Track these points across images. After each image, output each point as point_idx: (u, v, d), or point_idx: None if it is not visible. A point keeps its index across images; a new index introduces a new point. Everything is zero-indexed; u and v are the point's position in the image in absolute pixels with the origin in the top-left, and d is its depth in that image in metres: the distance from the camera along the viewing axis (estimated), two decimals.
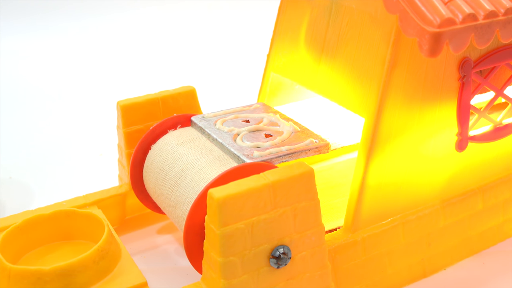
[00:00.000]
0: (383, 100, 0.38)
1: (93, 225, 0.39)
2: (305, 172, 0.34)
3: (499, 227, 0.48)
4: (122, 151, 0.49)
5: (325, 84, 0.43)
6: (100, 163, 0.65)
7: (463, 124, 0.42)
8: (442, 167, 0.43)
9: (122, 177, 0.51)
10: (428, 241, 0.44)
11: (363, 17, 0.40)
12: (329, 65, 0.43)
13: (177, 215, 0.40)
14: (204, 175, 0.38)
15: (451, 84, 0.40)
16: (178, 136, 0.44)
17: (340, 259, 0.39)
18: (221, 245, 0.32)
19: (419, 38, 0.34)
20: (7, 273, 0.34)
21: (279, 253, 0.34)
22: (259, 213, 0.33)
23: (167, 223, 0.51)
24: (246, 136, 0.42)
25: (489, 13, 0.35)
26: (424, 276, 0.44)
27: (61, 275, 0.34)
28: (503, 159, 0.47)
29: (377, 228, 0.41)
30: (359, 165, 0.39)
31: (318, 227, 0.36)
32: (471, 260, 0.47)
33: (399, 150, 0.40)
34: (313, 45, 0.45)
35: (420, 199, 0.43)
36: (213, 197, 0.32)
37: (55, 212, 0.40)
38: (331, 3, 0.43)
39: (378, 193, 0.40)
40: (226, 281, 0.33)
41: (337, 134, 0.44)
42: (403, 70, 0.38)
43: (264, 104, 0.49)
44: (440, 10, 0.34)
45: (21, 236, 0.39)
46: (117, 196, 0.48)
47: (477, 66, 0.41)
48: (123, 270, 0.37)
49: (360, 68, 0.40)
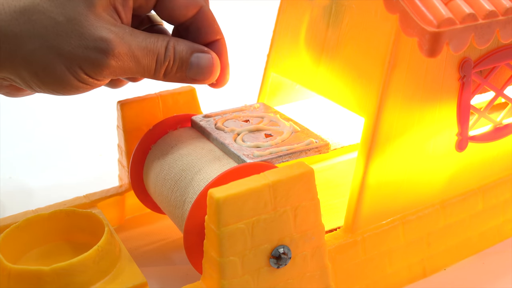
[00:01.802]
0: (383, 100, 0.38)
1: (93, 225, 0.39)
2: (305, 172, 0.34)
3: (499, 227, 0.48)
4: (122, 151, 0.49)
5: (325, 84, 0.43)
6: (100, 163, 0.65)
7: (463, 124, 0.42)
8: (442, 167, 0.43)
9: (122, 177, 0.51)
10: (428, 241, 0.44)
11: (363, 17, 0.40)
12: (329, 65, 0.43)
13: (177, 215, 0.40)
14: (204, 175, 0.38)
15: (451, 84, 0.40)
16: (178, 136, 0.44)
17: (340, 259, 0.39)
18: (221, 245, 0.32)
19: (419, 38, 0.34)
20: (7, 273, 0.34)
21: (279, 253, 0.34)
22: (259, 213, 0.33)
23: (167, 223, 0.51)
24: (246, 136, 0.42)
25: (489, 13, 0.35)
26: (424, 276, 0.44)
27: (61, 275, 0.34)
28: (503, 159, 0.47)
29: (377, 228, 0.41)
30: (359, 165, 0.39)
31: (318, 227, 0.36)
32: (471, 260, 0.47)
33: (399, 150, 0.40)
34: (313, 45, 0.45)
35: (420, 199, 0.43)
36: (213, 197, 0.32)
37: (55, 212, 0.40)
38: (331, 3, 0.43)
39: (378, 193, 0.40)
40: (226, 281, 0.33)
41: (337, 134, 0.44)
42: (403, 70, 0.38)
43: (264, 104, 0.49)
44: (440, 10, 0.34)
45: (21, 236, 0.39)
46: (117, 196, 0.48)
47: (477, 66, 0.41)
48: (123, 270, 0.37)
49: (360, 68, 0.40)
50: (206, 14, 0.40)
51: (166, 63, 0.38)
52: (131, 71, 0.37)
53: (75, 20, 0.35)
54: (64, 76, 0.35)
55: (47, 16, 0.34)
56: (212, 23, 0.41)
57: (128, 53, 0.36)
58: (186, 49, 0.39)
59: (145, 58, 0.37)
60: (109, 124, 0.64)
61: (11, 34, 0.34)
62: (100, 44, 0.35)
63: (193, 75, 0.39)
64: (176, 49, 0.38)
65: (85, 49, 0.35)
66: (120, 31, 0.36)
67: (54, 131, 0.74)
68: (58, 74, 0.35)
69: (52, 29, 0.35)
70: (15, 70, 0.36)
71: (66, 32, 0.35)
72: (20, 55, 0.35)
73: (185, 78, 0.40)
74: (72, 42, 0.35)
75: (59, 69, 0.35)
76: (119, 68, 0.36)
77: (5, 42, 0.34)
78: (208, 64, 0.39)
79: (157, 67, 0.38)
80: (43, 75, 0.35)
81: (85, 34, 0.35)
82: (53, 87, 0.36)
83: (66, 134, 0.73)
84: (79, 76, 0.36)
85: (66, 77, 0.36)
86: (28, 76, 0.36)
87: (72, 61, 0.35)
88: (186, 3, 0.39)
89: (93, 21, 0.35)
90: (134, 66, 0.37)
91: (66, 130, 0.74)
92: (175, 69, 0.39)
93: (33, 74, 0.35)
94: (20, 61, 0.35)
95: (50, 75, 0.35)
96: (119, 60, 0.36)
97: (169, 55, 0.38)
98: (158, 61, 0.38)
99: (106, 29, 0.35)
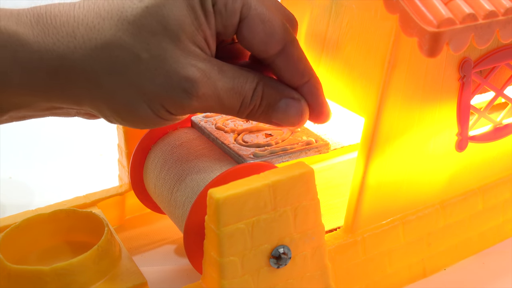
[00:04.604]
0: (383, 100, 0.38)
1: (93, 225, 0.39)
2: (305, 172, 0.34)
3: (499, 227, 0.48)
4: (122, 151, 0.49)
5: (325, 84, 0.43)
6: (100, 163, 0.65)
7: (463, 124, 0.42)
8: (442, 167, 0.43)
9: (122, 177, 0.51)
10: (428, 241, 0.44)
11: (363, 17, 0.40)
12: (329, 65, 0.43)
13: (177, 215, 0.40)
14: (204, 175, 0.38)
15: (451, 84, 0.40)
16: (178, 136, 0.44)
17: (340, 259, 0.39)
18: (221, 245, 0.32)
19: (419, 38, 0.34)
20: (7, 273, 0.34)
21: (279, 253, 0.34)
22: (259, 213, 0.33)
23: (167, 223, 0.51)
24: (246, 136, 0.42)
25: (489, 13, 0.35)
26: (424, 276, 0.44)
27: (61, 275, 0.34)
28: (503, 159, 0.47)
29: (377, 228, 0.41)
30: (359, 165, 0.39)
31: (318, 227, 0.36)
32: (471, 260, 0.47)
33: (399, 150, 0.40)
34: (313, 45, 0.45)
35: (420, 199, 0.43)
36: (213, 197, 0.32)
37: (55, 212, 0.40)
38: (331, 3, 0.43)
39: (378, 193, 0.40)
40: (226, 281, 0.33)
41: (337, 134, 0.44)
42: (403, 70, 0.38)
43: None
44: (440, 10, 0.34)
45: (21, 236, 0.39)
46: (117, 196, 0.48)
47: (477, 66, 0.41)
48: (123, 270, 0.37)
49: (360, 68, 0.40)
50: (289, 54, 0.36)
51: (251, 106, 0.36)
52: (213, 110, 0.35)
53: (159, 57, 0.32)
54: (145, 114, 0.34)
55: (129, 51, 0.32)
56: (297, 64, 0.36)
57: (213, 95, 0.34)
58: (275, 93, 0.36)
59: (230, 100, 0.35)
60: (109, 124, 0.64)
61: (91, 71, 0.32)
62: (185, 85, 0.32)
63: (278, 119, 0.37)
64: (265, 92, 0.36)
65: (169, 88, 0.32)
66: (207, 68, 0.33)
67: (54, 131, 0.74)
68: (139, 112, 0.33)
69: (135, 67, 0.32)
70: (95, 105, 0.34)
71: (149, 70, 0.32)
72: (101, 93, 0.33)
73: (269, 121, 0.37)
74: (156, 80, 0.32)
75: (141, 108, 0.33)
76: (201, 108, 0.34)
77: (84, 80, 0.32)
78: (297, 112, 0.37)
79: (241, 109, 0.35)
80: (124, 112, 0.34)
81: (170, 72, 0.32)
82: (133, 123, 0.35)
83: (66, 134, 0.73)
84: (160, 113, 0.34)
85: (147, 115, 0.34)
86: (108, 112, 0.34)
87: (155, 100, 0.33)
88: (265, 39, 0.35)
89: (179, 57, 0.32)
90: (217, 106, 0.35)
91: (66, 130, 0.74)
92: (260, 112, 0.36)
93: (114, 111, 0.34)
94: (100, 98, 0.33)
95: (131, 113, 0.34)
96: (202, 101, 0.34)
97: (256, 98, 0.35)
98: (244, 103, 0.35)
99: (193, 66, 0.33)
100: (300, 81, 0.37)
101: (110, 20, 0.32)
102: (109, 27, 0.32)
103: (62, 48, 0.32)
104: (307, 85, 0.37)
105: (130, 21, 0.32)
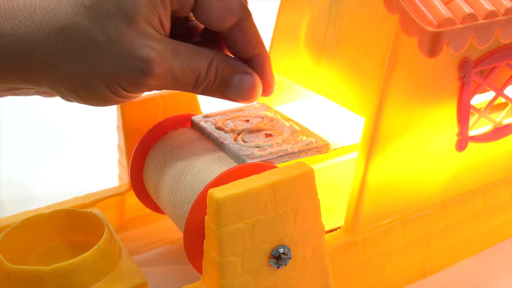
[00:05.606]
0: (383, 100, 0.38)
1: (93, 225, 0.39)
2: (305, 172, 0.34)
3: (499, 227, 0.48)
4: (122, 151, 0.49)
5: (325, 84, 0.43)
6: (100, 163, 0.65)
7: (463, 124, 0.42)
8: (442, 167, 0.43)
9: (122, 177, 0.51)
10: (428, 241, 0.44)
11: (363, 17, 0.40)
12: (329, 65, 0.43)
13: (177, 215, 0.40)
14: (204, 175, 0.38)
15: (451, 84, 0.40)
16: (178, 136, 0.44)
17: (340, 259, 0.39)
18: (221, 245, 0.32)
19: (419, 38, 0.34)
20: (7, 273, 0.34)
21: (279, 253, 0.34)
22: (259, 213, 0.33)
23: (167, 223, 0.51)
24: (246, 136, 0.42)
25: (489, 13, 0.35)
26: (424, 276, 0.44)
27: (61, 275, 0.34)
28: (503, 159, 0.47)
29: (377, 228, 0.41)
30: (359, 165, 0.39)
31: (318, 227, 0.36)
32: (471, 260, 0.47)
33: (399, 150, 0.40)
34: (313, 45, 0.45)
35: (420, 199, 0.43)
36: (213, 197, 0.32)
37: (55, 212, 0.40)
38: (331, 3, 0.43)
39: (378, 193, 0.40)
40: (226, 281, 0.33)
41: (337, 134, 0.44)
42: (403, 70, 0.38)
43: (264, 104, 0.49)
44: (440, 10, 0.34)
45: (21, 236, 0.39)
46: (117, 196, 0.48)
47: (477, 66, 0.41)
48: (123, 270, 0.37)
49: (360, 68, 0.40)
50: (244, 28, 0.38)
51: (206, 82, 0.37)
52: (168, 87, 0.37)
53: (115, 40, 0.34)
54: (103, 92, 0.35)
55: (86, 35, 0.33)
56: (250, 37, 0.38)
57: (168, 73, 0.35)
58: (228, 69, 0.38)
59: (185, 77, 0.36)
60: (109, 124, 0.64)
61: (49, 53, 0.33)
62: (140, 65, 0.34)
63: (233, 95, 0.38)
64: (219, 68, 0.37)
65: (125, 69, 0.34)
66: (162, 48, 0.35)
67: (54, 131, 0.74)
68: (97, 91, 0.35)
69: (92, 49, 0.34)
70: (54, 86, 0.35)
71: (106, 51, 0.34)
72: (59, 74, 0.34)
73: (224, 96, 0.39)
74: (112, 62, 0.34)
75: (98, 87, 0.35)
76: (157, 86, 0.36)
77: (43, 62, 0.34)
78: (250, 86, 0.38)
79: (196, 85, 0.37)
80: (82, 92, 0.35)
81: (126, 53, 0.34)
82: (90, 101, 0.36)
83: (66, 134, 0.73)
84: (117, 92, 0.35)
85: (104, 94, 0.35)
86: (66, 92, 0.35)
87: (112, 80, 0.34)
88: (221, 15, 0.37)
89: (134, 39, 0.34)
90: (172, 84, 0.36)
91: (66, 130, 0.74)
92: (215, 87, 0.38)
93: (71, 91, 0.35)
94: (59, 79, 0.34)
95: (89, 92, 0.35)
96: (158, 80, 0.35)
97: (210, 75, 0.37)
98: (199, 80, 0.37)
99: (148, 47, 0.34)
100: (252, 53, 0.39)
101: (66, 4, 0.34)
102: (66, 11, 0.34)
103: (20, 32, 0.33)
104: (258, 58, 0.39)
105: (86, 5, 0.34)
